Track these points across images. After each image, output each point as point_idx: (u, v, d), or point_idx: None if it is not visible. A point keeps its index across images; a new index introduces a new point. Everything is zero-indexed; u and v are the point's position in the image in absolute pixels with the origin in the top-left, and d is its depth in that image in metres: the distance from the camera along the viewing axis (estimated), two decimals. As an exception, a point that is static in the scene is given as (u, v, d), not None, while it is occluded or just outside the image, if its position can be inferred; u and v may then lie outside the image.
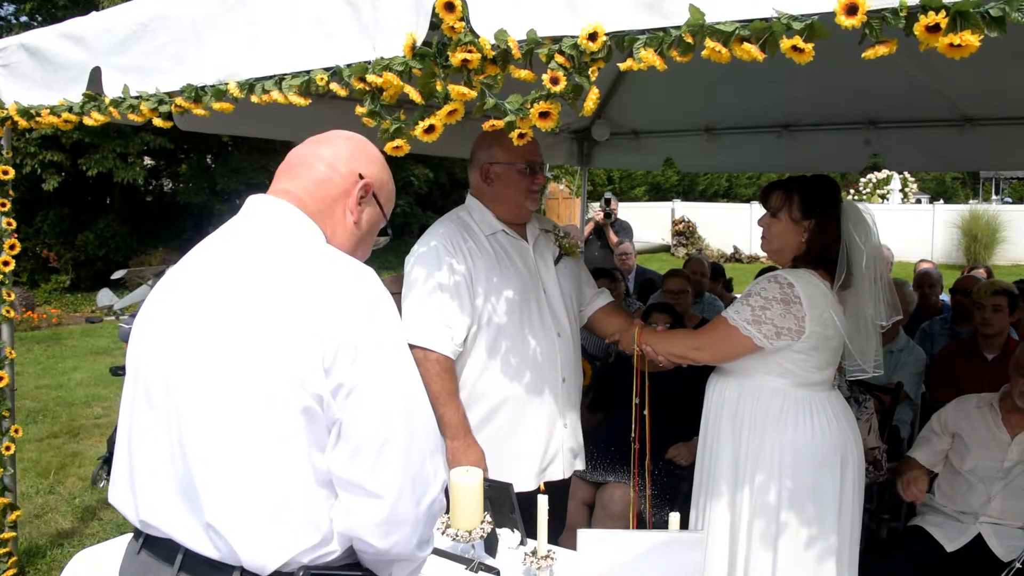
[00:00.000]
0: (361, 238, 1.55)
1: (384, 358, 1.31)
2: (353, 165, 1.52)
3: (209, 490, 1.30)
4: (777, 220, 2.39)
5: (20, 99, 2.93)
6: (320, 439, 1.29)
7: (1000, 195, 34.66)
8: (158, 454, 1.37)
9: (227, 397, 1.29)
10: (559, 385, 2.59)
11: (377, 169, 1.56)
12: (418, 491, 1.32)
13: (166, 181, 16.75)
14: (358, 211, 1.52)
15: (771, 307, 2.26)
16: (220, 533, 1.29)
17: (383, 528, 1.30)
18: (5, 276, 3.26)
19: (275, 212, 1.46)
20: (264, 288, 1.32)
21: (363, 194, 1.52)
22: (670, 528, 1.94)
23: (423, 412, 1.36)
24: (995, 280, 4.77)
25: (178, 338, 1.37)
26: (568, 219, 16.32)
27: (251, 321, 1.30)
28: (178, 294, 1.43)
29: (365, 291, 1.35)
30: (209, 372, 1.31)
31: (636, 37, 1.57)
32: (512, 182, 2.53)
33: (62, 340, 10.41)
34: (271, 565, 1.29)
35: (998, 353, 4.07)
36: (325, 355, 1.26)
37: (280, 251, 1.39)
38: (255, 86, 2.16)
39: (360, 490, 1.29)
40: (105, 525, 4.54)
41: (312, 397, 1.26)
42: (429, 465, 1.34)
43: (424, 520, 1.35)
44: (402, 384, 1.33)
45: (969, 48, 1.29)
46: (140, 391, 1.42)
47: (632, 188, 27.01)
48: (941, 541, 2.92)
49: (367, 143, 1.59)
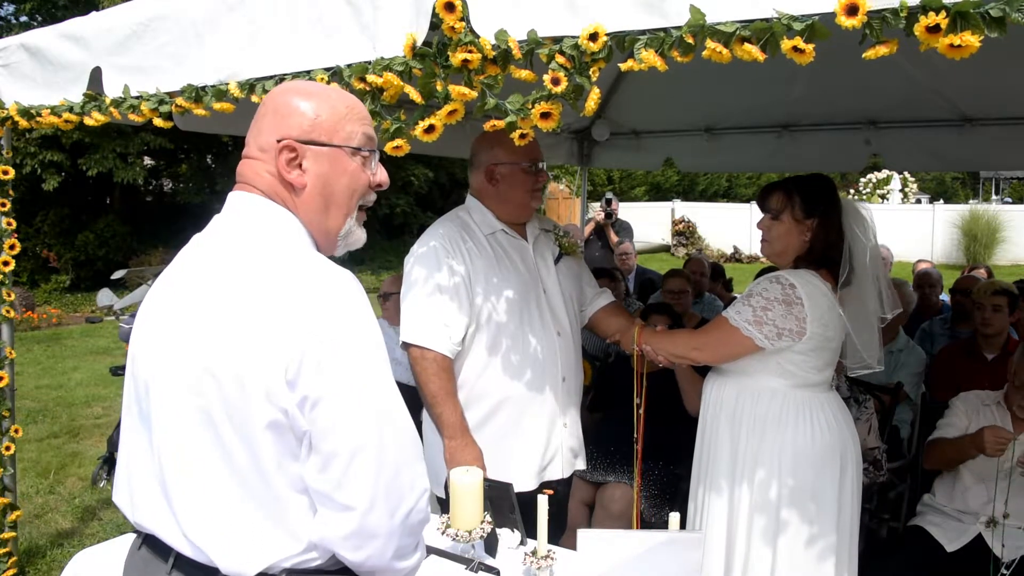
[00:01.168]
0: (326, 195, 1.38)
1: (351, 368, 1.24)
2: (268, 137, 1.36)
3: (180, 499, 1.29)
4: (779, 222, 2.37)
5: (20, 99, 2.93)
6: (292, 449, 1.25)
7: (1000, 195, 34.66)
8: (144, 457, 1.37)
9: (191, 407, 1.27)
10: (559, 385, 2.59)
11: (296, 118, 1.36)
12: (392, 502, 1.26)
13: (166, 181, 16.76)
14: (298, 174, 1.35)
15: (773, 308, 2.25)
16: (194, 543, 1.28)
17: (353, 541, 1.25)
18: (5, 276, 3.26)
19: (246, 207, 1.38)
20: (230, 295, 1.27)
21: (290, 156, 1.34)
22: (670, 528, 1.94)
23: (397, 422, 1.29)
24: (995, 280, 4.77)
25: (154, 344, 1.36)
26: (568, 219, 16.33)
27: (218, 330, 1.26)
28: (162, 298, 1.41)
29: (331, 299, 1.26)
30: (177, 379, 1.29)
31: (637, 37, 1.57)
32: (518, 181, 2.53)
33: (62, 340, 10.41)
34: (249, 572, 1.27)
35: (998, 353, 4.07)
36: (288, 367, 1.21)
37: (249, 254, 1.32)
38: (256, 86, 2.16)
39: (331, 502, 1.24)
40: (105, 525, 4.54)
41: (278, 410, 1.22)
42: (405, 475, 1.28)
43: (400, 531, 1.28)
44: (371, 393, 1.26)
45: (969, 48, 1.29)
46: (132, 393, 1.42)
47: (632, 188, 27.01)
48: (941, 541, 2.92)
49: (282, 92, 1.41)
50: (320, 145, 1.36)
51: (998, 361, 3.99)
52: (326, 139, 1.37)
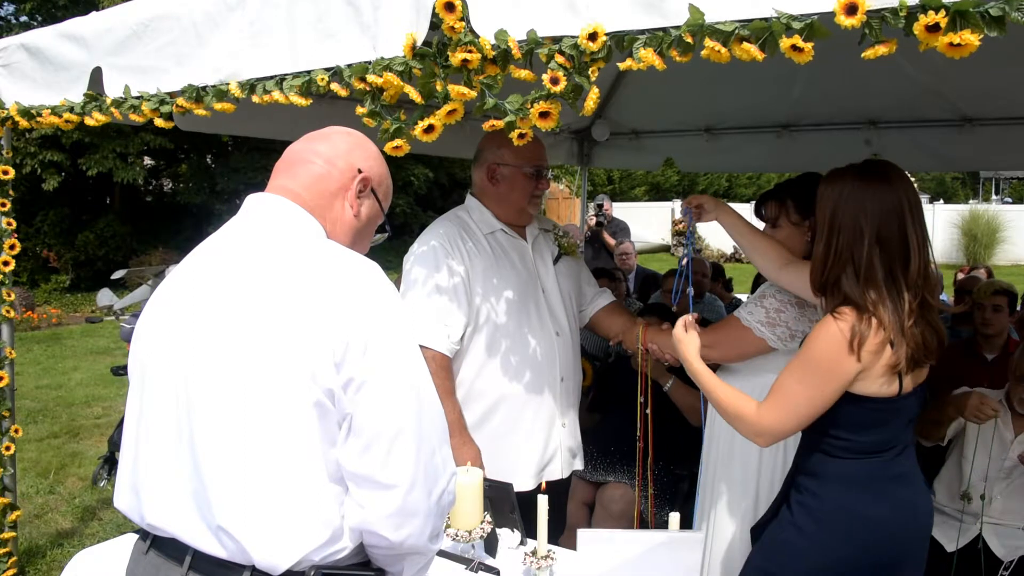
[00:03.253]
0: (360, 232, 1.56)
1: (393, 351, 1.32)
2: (351, 159, 1.53)
3: (220, 491, 1.30)
4: (779, 229, 2.38)
5: (20, 99, 2.93)
6: (331, 434, 1.30)
7: (1000, 195, 34.67)
8: (166, 456, 1.37)
9: (238, 396, 1.30)
10: (557, 385, 2.59)
11: (375, 164, 1.57)
12: (429, 481, 1.33)
13: (166, 181, 16.77)
14: (357, 205, 1.53)
15: (786, 310, 2.25)
16: (231, 534, 1.29)
17: (396, 520, 1.31)
18: (5, 276, 3.26)
19: (275, 209, 1.46)
20: (271, 286, 1.33)
21: (362, 188, 1.53)
22: (670, 528, 1.94)
23: (432, 403, 1.37)
24: (995, 280, 4.76)
25: (185, 339, 1.37)
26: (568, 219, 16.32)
27: (260, 319, 1.31)
28: (183, 296, 1.42)
29: (372, 285, 1.36)
30: (219, 372, 1.32)
31: (636, 37, 1.57)
32: (517, 185, 2.53)
33: (62, 340, 10.41)
34: (283, 564, 1.29)
35: (998, 353, 4.06)
36: (335, 350, 1.27)
37: (284, 248, 1.39)
38: (256, 86, 2.16)
39: (372, 483, 1.29)
40: (105, 525, 4.54)
41: (323, 392, 1.27)
42: (439, 456, 1.36)
43: (435, 511, 1.36)
44: (411, 376, 1.33)
45: (969, 47, 1.29)
46: (147, 394, 1.42)
47: (632, 188, 27.01)
48: (941, 541, 2.92)
49: (364, 138, 1.60)
50: (376, 199, 1.58)
51: (998, 361, 3.98)
52: (381, 197, 1.59)
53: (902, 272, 1.73)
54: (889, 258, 1.72)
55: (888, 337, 1.70)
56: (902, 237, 1.73)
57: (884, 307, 1.71)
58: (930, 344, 1.76)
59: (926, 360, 1.78)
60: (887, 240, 1.73)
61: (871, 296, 1.72)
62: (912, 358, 1.73)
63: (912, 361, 1.74)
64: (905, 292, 1.72)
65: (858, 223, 1.74)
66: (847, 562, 1.81)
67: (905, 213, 1.73)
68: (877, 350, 1.70)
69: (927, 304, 1.76)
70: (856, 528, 1.80)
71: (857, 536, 1.80)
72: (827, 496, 1.82)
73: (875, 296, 1.72)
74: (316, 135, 1.57)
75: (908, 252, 1.73)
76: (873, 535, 1.80)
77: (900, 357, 1.71)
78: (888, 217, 1.73)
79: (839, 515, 1.81)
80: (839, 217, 1.78)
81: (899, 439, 1.84)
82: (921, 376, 1.83)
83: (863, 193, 1.76)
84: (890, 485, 1.82)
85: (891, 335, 1.70)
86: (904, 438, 1.86)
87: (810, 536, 1.82)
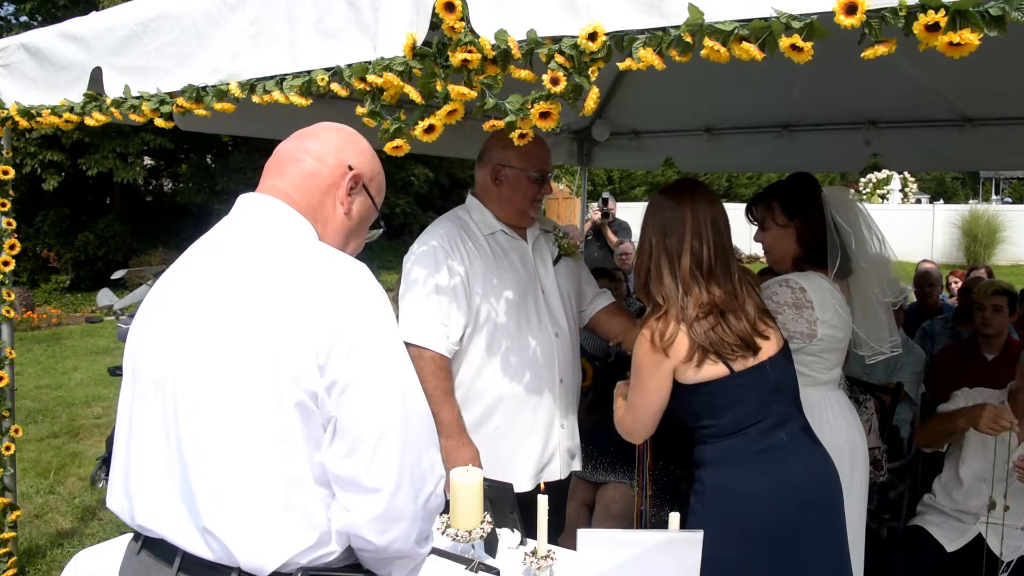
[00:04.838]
0: (352, 229, 1.54)
1: (378, 353, 1.31)
2: (341, 156, 1.51)
3: (205, 492, 1.30)
4: (768, 231, 2.44)
5: (20, 99, 2.93)
6: (316, 437, 1.28)
7: (1000, 195, 34.68)
8: (155, 457, 1.37)
9: (222, 397, 1.29)
10: (556, 386, 2.59)
11: (367, 160, 1.54)
12: (415, 485, 1.31)
13: (166, 181, 16.77)
14: (348, 202, 1.51)
15: (783, 312, 2.26)
16: (216, 536, 1.29)
17: (381, 524, 1.29)
18: (5, 276, 3.26)
19: (265, 210, 1.45)
20: (257, 288, 1.32)
21: (352, 184, 1.51)
22: (670, 528, 1.94)
23: (419, 406, 1.35)
24: (995, 280, 4.77)
25: (173, 340, 1.37)
26: (568, 219, 16.31)
27: (245, 321, 1.30)
28: (173, 296, 1.42)
29: (357, 287, 1.34)
30: (205, 373, 1.31)
31: (635, 37, 1.57)
32: (520, 187, 2.53)
33: (62, 340, 10.41)
34: (269, 567, 1.28)
35: (998, 353, 4.07)
36: (319, 352, 1.26)
37: (272, 249, 1.38)
38: (256, 86, 2.16)
39: (357, 487, 1.28)
40: (105, 525, 4.54)
41: (306, 394, 1.26)
42: (426, 459, 1.34)
43: (422, 515, 1.34)
44: (397, 378, 1.32)
45: (969, 47, 1.29)
46: (138, 393, 1.42)
47: (632, 188, 27.00)
48: (941, 541, 2.92)
49: (355, 134, 1.58)
50: (369, 195, 1.56)
51: (998, 361, 3.99)
52: (374, 193, 1.57)
53: (698, 272, 1.96)
54: (671, 262, 1.97)
55: (679, 328, 1.93)
56: (679, 243, 1.98)
57: (674, 304, 1.94)
58: (735, 327, 1.95)
59: (736, 342, 1.94)
60: (670, 249, 1.99)
61: (662, 296, 1.96)
62: (721, 341, 1.92)
63: (722, 344, 1.93)
64: (694, 288, 1.95)
65: (649, 236, 2.03)
66: (735, 535, 1.94)
67: (686, 225, 1.98)
68: (677, 342, 1.92)
69: (724, 294, 1.97)
70: (734, 503, 1.96)
71: (736, 510, 1.96)
72: (706, 479, 2.02)
73: (665, 295, 1.96)
74: (306, 132, 1.55)
75: (682, 255, 1.97)
76: (754, 507, 1.96)
77: (703, 343, 1.91)
78: (670, 228, 2.00)
79: (715, 492, 1.99)
80: (643, 233, 2.06)
81: (764, 414, 1.98)
82: (760, 354, 1.98)
83: (654, 211, 2.05)
84: (758, 458, 1.97)
85: (683, 326, 1.93)
86: (773, 411, 1.99)
87: (702, 517, 1.98)
